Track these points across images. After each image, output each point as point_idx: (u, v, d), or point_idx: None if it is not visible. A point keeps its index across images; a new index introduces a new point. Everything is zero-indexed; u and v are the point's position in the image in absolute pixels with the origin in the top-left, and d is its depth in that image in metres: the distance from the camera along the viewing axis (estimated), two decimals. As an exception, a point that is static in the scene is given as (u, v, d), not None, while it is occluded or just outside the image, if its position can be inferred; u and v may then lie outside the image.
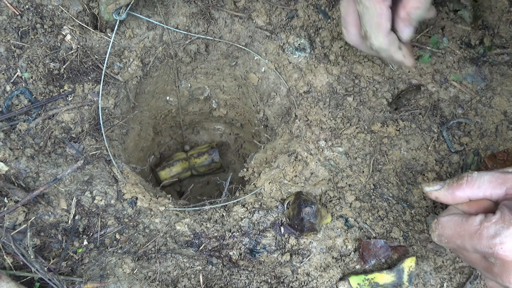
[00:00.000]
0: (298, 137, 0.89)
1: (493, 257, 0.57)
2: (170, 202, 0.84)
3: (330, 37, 0.93)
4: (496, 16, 0.92)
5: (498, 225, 0.56)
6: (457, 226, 0.60)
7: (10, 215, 0.73)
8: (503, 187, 0.60)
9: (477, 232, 0.57)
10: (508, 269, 0.56)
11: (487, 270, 0.60)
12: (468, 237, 0.58)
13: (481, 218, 0.58)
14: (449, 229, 0.61)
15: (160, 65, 0.98)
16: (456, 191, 0.62)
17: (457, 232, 0.60)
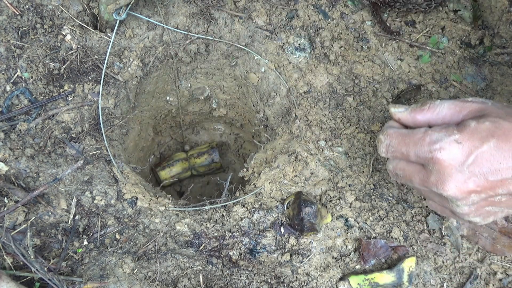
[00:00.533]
0: (298, 137, 0.89)
1: (431, 162, 0.60)
2: (170, 202, 0.84)
3: (330, 37, 0.93)
4: (496, 16, 0.92)
5: (441, 133, 0.60)
6: (404, 136, 0.64)
7: (10, 215, 0.73)
8: (460, 114, 0.63)
9: (421, 138, 0.61)
10: (444, 175, 0.60)
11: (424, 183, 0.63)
12: (412, 143, 0.62)
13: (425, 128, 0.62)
14: (396, 138, 0.65)
15: (160, 65, 0.98)
16: (418, 115, 0.66)
17: (403, 141, 0.64)
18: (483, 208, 0.63)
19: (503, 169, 0.59)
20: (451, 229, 0.79)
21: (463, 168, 0.59)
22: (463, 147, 0.59)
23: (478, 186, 0.59)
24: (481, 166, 0.59)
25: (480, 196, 0.61)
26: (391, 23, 0.95)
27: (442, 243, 0.79)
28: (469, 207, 0.62)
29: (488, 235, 0.78)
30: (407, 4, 0.90)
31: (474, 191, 0.60)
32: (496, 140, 0.58)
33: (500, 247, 0.78)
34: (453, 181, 0.60)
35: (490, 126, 0.59)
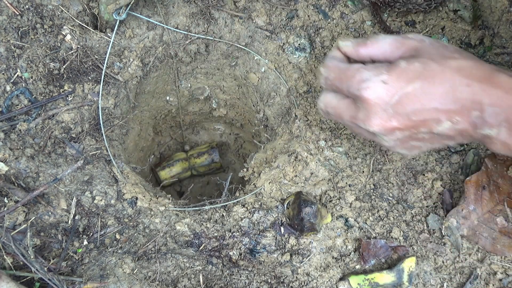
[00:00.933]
0: (298, 137, 0.89)
1: (359, 99, 0.64)
2: (170, 202, 0.84)
3: (330, 37, 0.93)
4: (496, 16, 0.92)
5: (371, 72, 0.63)
6: (340, 70, 0.67)
7: (10, 215, 0.73)
8: (399, 51, 0.66)
9: (352, 75, 0.65)
10: (370, 112, 0.63)
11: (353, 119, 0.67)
12: (345, 79, 0.66)
13: (358, 65, 0.66)
14: (334, 72, 0.68)
15: (160, 65, 0.98)
16: (361, 49, 0.69)
17: (339, 75, 0.67)
18: (407, 142, 0.67)
19: (426, 110, 0.61)
20: (451, 229, 0.80)
21: (387, 107, 0.62)
22: (389, 87, 0.61)
23: (401, 124, 0.63)
24: (404, 106, 0.62)
25: (404, 133, 0.64)
26: (391, 23, 0.95)
27: (442, 243, 0.79)
28: (394, 142, 0.66)
29: (488, 235, 0.78)
30: (407, 4, 0.90)
31: (397, 128, 0.63)
32: (421, 82, 0.61)
33: (500, 247, 0.78)
34: (378, 119, 0.63)
35: (419, 68, 0.61)
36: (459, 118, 0.61)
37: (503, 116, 0.59)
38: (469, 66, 0.61)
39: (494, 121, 0.60)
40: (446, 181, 0.84)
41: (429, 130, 0.63)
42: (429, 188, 0.83)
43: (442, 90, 0.60)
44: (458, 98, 0.60)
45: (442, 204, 0.82)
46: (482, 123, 0.60)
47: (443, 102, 0.61)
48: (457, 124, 0.61)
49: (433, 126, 0.63)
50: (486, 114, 0.59)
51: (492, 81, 0.60)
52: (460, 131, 0.62)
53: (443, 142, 0.66)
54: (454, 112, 0.61)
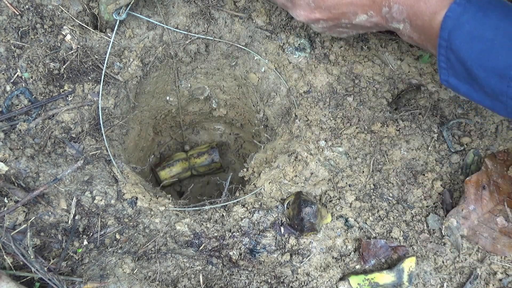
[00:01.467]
0: (298, 137, 0.89)
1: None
2: (170, 202, 0.84)
3: (330, 37, 0.93)
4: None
5: None
6: None
7: (10, 215, 0.73)
8: None
9: None
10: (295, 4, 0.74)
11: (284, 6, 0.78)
12: None
13: None
14: None
15: (160, 65, 0.98)
16: None
17: None
18: (333, 29, 0.77)
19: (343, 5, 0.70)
20: (451, 229, 0.80)
21: (309, 1, 0.72)
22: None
23: (324, 16, 0.73)
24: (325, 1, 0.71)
25: (328, 23, 0.74)
26: (391, 23, 0.95)
27: (442, 243, 0.79)
28: (322, 29, 0.77)
29: (488, 235, 0.78)
30: None
31: (321, 19, 0.73)
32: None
33: (500, 247, 0.78)
34: (302, 11, 0.74)
35: None
36: (372, 12, 0.69)
37: (406, 13, 0.65)
38: None
39: (399, 17, 0.67)
40: (446, 181, 0.84)
41: (349, 21, 0.72)
42: (429, 188, 0.83)
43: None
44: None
45: (442, 204, 0.82)
46: (391, 18, 0.68)
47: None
48: (371, 17, 0.70)
49: (352, 17, 0.71)
50: (393, 11, 0.66)
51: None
52: (375, 23, 0.71)
53: (366, 30, 0.76)
54: (368, 6, 0.68)
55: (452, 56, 0.61)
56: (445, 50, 0.61)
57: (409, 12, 0.65)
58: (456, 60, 0.61)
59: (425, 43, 0.67)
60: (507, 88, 0.57)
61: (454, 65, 0.62)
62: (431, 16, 0.63)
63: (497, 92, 0.58)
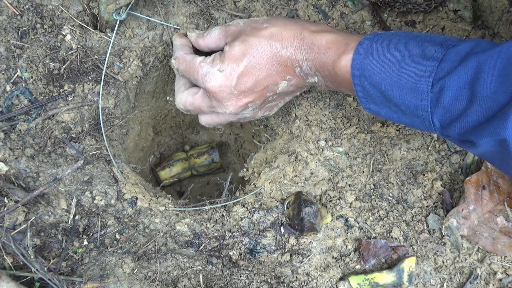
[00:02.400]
0: (298, 137, 0.89)
1: (207, 91, 0.73)
2: (170, 202, 0.84)
3: (330, 37, 0.93)
4: (496, 16, 0.92)
5: (208, 65, 0.72)
6: (187, 63, 0.76)
7: (10, 215, 0.73)
8: (225, 38, 0.76)
9: (196, 70, 0.74)
10: (220, 99, 0.73)
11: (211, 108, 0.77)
12: (192, 73, 0.75)
13: (200, 59, 0.74)
14: (182, 64, 0.77)
15: (160, 65, 0.98)
16: (199, 40, 0.81)
17: (187, 68, 0.76)
18: (264, 107, 0.78)
19: (262, 79, 0.71)
20: (451, 229, 0.80)
21: (232, 90, 0.71)
22: (225, 73, 0.71)
23: (250, 98, 0.73)
24: (245, 84, 0.71)
25: (256, 103, 0.75)
26: (391, 23, 0.95)
27: (442, 243, 0.79)
28: (253, 112, 0.77)
29: (488, 235, 0.78)
30: (407, 4, 0.90)
31: (249, 102, 0.74)
32: (247, 58, 0.70)
33: (500, 247, 0.78)
34: (228, 102, 0.73)
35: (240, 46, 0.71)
36: (289, 76, 0.71)
37: (314, 67, 0.69)
38: (278, 31, 0.71)
39: (310, 72, 0.70)
40: (446, 181, 0.84)
41: (274, 92, 0.74)
42: (429, 188, 0.83)
43: (266, 58, 0.70)
44: (280, 61, 0.70)
45: (442, 204, 0.82)
46: (305, 75, 0.71)
47: (271, 67, 0.70)
48: (290, 80, 0.72)
49: (274, 88, 0.73)
50: (304, 68, 0.70)
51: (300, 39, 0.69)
52: (296, 85, 0.73)
53: (291, 95, 0.79)
54: (283, 72, 0.71)
55: (366, 83, 0.63)
56: (359, 79, 0.64)
57: (316, 65, 0.69)
58: (370, 86, 0.63)
59: (340, 87, 0.70)
60: (420, 101, 0.59)
61: (369, 91, 0.64)
62: (332, 63, 0.67)
63: (412, 107, 0.60)
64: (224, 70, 0.71)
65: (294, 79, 0.72)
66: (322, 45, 0.68)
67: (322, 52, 0.68)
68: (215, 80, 0.71)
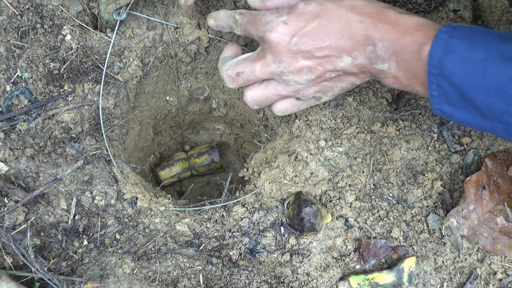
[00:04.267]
0: (298, 137, 0.89)
1: (265, 41, 0.68)
2: (170, 202, 0.84)
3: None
4: (496, 16, 0.92)
5: (273, 15, 0.68)
6: (252, 14, 0.71)
7: (10, 215, 0.73)
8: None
9: (259, 19, 0.69)
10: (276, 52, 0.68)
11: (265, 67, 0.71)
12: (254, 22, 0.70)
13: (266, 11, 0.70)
14: (246, 16, 0.72)
15: (160, 65, 0.98)
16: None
17: (250, 19, 0.71)
18: (319, 84, 0.71)
19: (326, 47, 0.66)
20: (451, 229, 0.80)
21: (290, 46, 0.67)
22: (289, 27, 0.66)
23: (307, 62, 0.68)
24: (306, 44, 0.66)
25: (312, 72, 0.69)
26: (391, 23, 0.95)
27: (442, 243, 0.79)
28: (306, 83, 0.70)
29: (488, 235, 0.78)
30: (407, 4, 0.90)
31: (305, 66, 0.68)
32: (319, 21, 0.66)
33: (500, 247, 0.78)
34: (283, 57, 0.68)
35: (316, 8, 0.66)
36: (357, 53, 0.66)
37: (392, 49, 0.64)
38: (362, 4, 0.66)
39: (385, 55, 0.64)
40: (446, 181, 0.84)
41: (334, 67, 0.68)
42: (429, 188, 0.83)
43: (338, 27, 0.65)
44: (353, 34, 0.65)
45: (442, 204, 0.82)
46: (375, 58, 0.65)
47: (340, 38, 0.65)
48: (356, 58, 0.66)
49: (336, 62, 0.67)
50: (378, 49, 0.64)
51: (382, 16, 0.65)
52: (360, 67, 0.67)
53: (350, 81, 0.71)
54: (352, 47, 0.66)
55: (444, 82, 0.59)
56: (436, 77, 0.60)
57: (395, 47, 0.63)
58: (449, 85, 0.59)
59: (412, 80, 0.65)
60: (508, 106, 0.56)
61: (446, 91, 0.60)
62: (418, 48, 0.61)
63: (496, 112, 0.57)
64: (288, 23, 0.66)
65: (361, 58, 0.66)
66: (409, 26, 0.63)
67: (409, 33, 0.62)
68: (276, 30, 0.66)
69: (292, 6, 0.68)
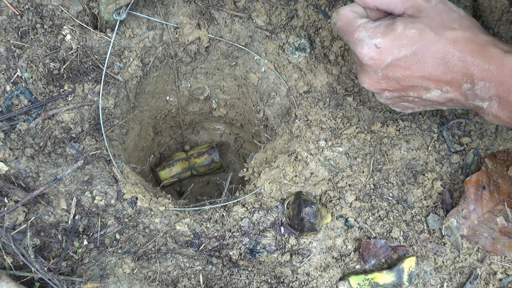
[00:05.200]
0: (298, 137, 0.89)
1: (355, 55, 0.67)
2: (170, 202, 0.84)
3: (330, 37, 0.93)
4: (496, 16, 0.92)
5: (366, 33, 0.64)
6: (346, 22, 0.68)
7: (10, 215, 0.73)
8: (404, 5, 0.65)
9: (352, 32, 0.66)
10: (362, 70, 0.67)
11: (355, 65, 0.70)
12: (347, 33, 0.67)
13: (362, 22, 0.66)
14: (341, 21, 0.69)
15: (160, 65, 0.98)
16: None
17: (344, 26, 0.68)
18: (399, 103, 0.71)
19: (415, 77, 0.63)
20: (451, 229, 0.80)
21: (378, 70, 0.65)
22: (381, 52, 0.63)
23: (390, 87, 0.66)
24: (394, 72, 0.64)
25: (393, 94, 0.68)
26: (391, 23, 0.95)
27: (442, 243, 0.79)
28: (385, 100, 0.71)
29: (488, 235, 0.78)
30: (407, 4, 0.90)
31: (386, 89, 0.67)
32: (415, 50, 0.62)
33: (500, 247, 0.78)
34: (368, 78, 0.67)
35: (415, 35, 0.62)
36: (449, 88, 0.63)
37: (494, 91, 0.60)
38: (465, 39, 0.61)
39: (485, 95, 0.61)
40: (446, 181, 0.84)
41: (419, 96, 0.66)
42: (429, 188, 0.83)
43: (434, 60, 0.61)
44: (449, 69, 0.61)
45: (442, 204, 0.82)
46: (473, 95, 0.62)
47: (433, 72, 0.62)
48: (446, 93, 0.63)
49: (422, 92, 0.65)
50: (477, 88, 0.61)
51: (486, 55, 0.60)
52: (450, 99, 0.65)
53: (435, 106, 0.69)
54: (444, 82, 0.62)
55: None
56: None
57: (498, 90, 0.59)
58: None
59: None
60: None
61: None
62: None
63: None
64: (381, 47, 0.63)
65: (453, 93, 0.63)
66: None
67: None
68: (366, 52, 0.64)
69: (389, 25, 0.63)
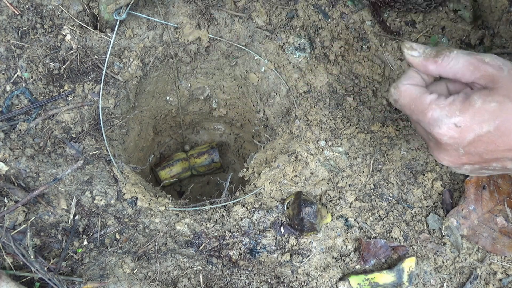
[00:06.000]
0: (298, 137, 0.89)
1: (431, 135, 0.62)
2: (170, 202, 0.84)
3: (330, 37, 0.93)
4: (496, 16, 0.92)
5: (442, 112, 0.59)
6: (412, 99, 0.63)
7: (10, 215, 0.73)
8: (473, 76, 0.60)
9: (424, 111, 0.61)
10: (440, 149, 0.63)
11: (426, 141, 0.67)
12: (416, 111, 0.62)
13: (432, 98, 0.61)
14: (404, 99, 0.63)
15: (160, 65, 0.98)
16: (430, 65, 0.62)
17: (409, 104, 0.63)
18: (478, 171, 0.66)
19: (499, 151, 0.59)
20: (451, 229, 0.79)
21: (459, 148, 0.61)
22: (462, 131, 0.59)
23: (472, 161, 0.62)
24: (476, 147, 0.60)
25: (474, 166, 0.64)
26: (391, 23, 0.95)
27: (442, 243, 0.79)
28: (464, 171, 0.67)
29: (488, 235, 0.78)
30: (407, 4, 0.90)
31: (467, 163, 0.63)
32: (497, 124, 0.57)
33: (500, 247, 0.78)
34: (447, 156, 0.63)
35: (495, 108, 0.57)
36: None
37: None
38: None
39: None
40: (446, 181, 0.84)
41: (503, 166, 0.62)
42: (429, 188, 0.83)
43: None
44: None
45: (442, 204, 0.82)
46: None
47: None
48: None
49: (507, 163, 0.61)
50: None
51: None
52: None
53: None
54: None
55: None
56: None
57: None
58: None
59: None
60: None
61: None
62: None
63: None
64: (461, 126, 0.58)
65: None
66: None
67: None
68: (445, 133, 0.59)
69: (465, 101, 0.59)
